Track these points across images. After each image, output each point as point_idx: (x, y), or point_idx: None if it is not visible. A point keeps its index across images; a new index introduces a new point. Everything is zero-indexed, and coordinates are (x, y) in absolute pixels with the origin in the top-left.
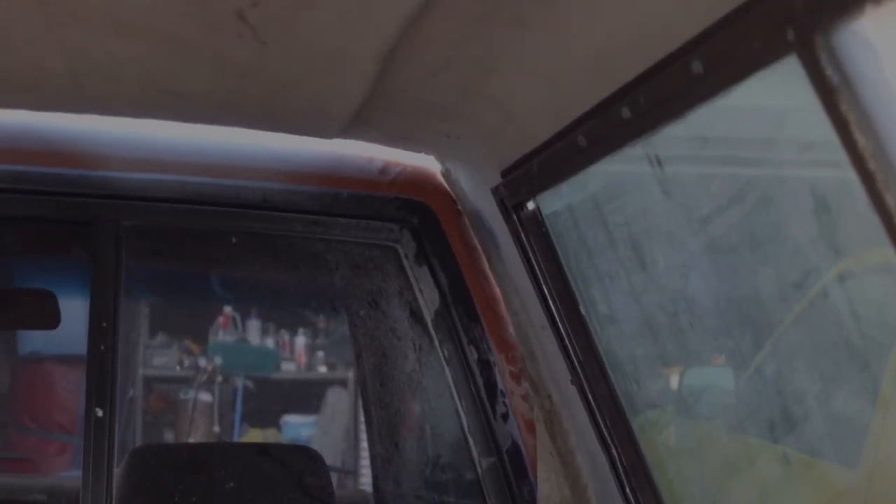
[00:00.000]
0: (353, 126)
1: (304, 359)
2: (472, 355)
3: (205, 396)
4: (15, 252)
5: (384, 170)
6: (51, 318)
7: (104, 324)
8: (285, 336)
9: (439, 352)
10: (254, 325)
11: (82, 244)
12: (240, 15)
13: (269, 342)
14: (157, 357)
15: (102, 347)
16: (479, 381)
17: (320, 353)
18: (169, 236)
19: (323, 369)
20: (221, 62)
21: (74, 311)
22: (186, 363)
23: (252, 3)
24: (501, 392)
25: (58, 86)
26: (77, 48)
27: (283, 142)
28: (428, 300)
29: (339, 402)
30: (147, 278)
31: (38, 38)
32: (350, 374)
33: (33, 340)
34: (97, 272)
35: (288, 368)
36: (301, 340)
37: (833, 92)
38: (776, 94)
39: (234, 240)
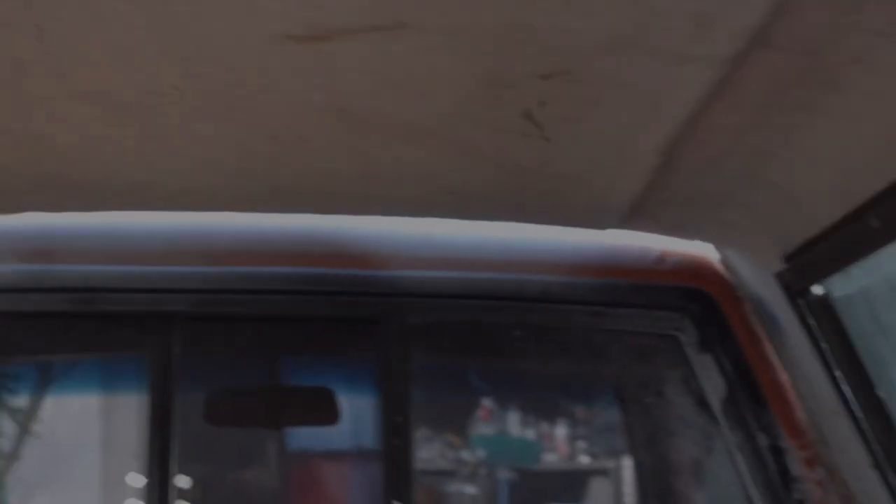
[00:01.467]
0: (631, 217)
1: (565, 449)
2: (763, 442)
3: (469, 489)
4: (296, 351)
5: (661, 259)
6: (330, 415)
7: (398, 419)
8: (545, 427)
9: (728, 439)
10: (513, 418)
11: (366, 342)
12: (527, 115)
13: (530, 433)
14: (424, 451)
15: (396, 442)
16: (772, 467)
17: (581, 443)
18: (451, 332)
19: (585, 460)
20: (504, 161)
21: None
22: (450, 456)
23: (540, 102)
24: (795, 478)
25: (345, 190)
26: (366, 153)
27: (559, 234)
28: (713, 388)
29: (601, 492)
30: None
31: (332, 145)
32: (611, 464)
33: (299, 438)
34: (387, 369)
35: (549, 459)
36: (562, 431)
37: None
38: None
39: (517, 333)
